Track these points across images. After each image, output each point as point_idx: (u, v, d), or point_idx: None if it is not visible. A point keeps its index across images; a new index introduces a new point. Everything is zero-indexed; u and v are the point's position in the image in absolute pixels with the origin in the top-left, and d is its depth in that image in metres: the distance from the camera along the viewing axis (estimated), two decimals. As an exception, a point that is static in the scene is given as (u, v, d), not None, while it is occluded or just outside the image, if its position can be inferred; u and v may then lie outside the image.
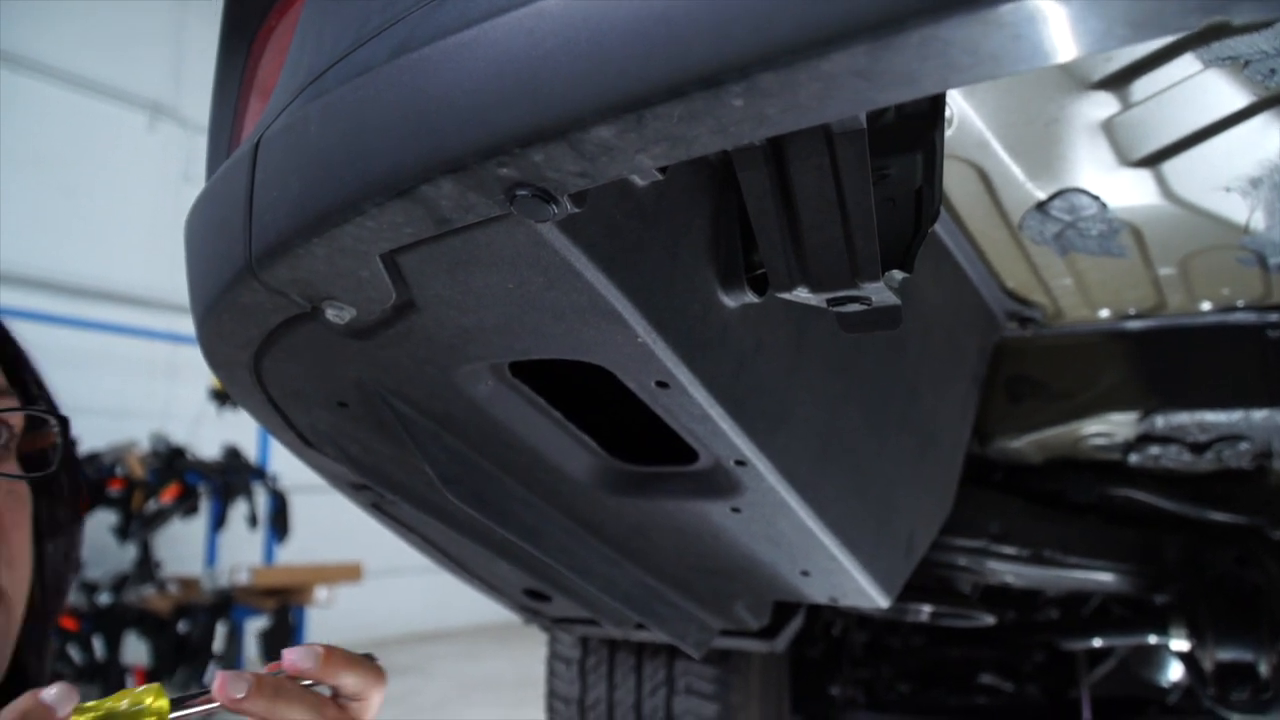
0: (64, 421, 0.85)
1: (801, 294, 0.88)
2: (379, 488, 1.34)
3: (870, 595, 1.43)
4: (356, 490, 1.41)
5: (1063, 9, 0.51)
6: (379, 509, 1.46)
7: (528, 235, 0.79)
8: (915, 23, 0.53)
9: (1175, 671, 2.54)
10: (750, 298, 0.99)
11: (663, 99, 0.61)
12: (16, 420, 0.83)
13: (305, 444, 1.29)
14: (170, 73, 8.85)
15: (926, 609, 2.00)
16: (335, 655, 0.73)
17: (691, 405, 1.01)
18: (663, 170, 0.84)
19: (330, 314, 0.94)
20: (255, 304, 0.96)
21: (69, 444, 0.90)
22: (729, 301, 1.00)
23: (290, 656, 0.71)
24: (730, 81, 0.58)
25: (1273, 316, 1.59)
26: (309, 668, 0.71)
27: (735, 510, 1.23)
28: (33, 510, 0.87)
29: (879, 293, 0.86)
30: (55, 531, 0.90)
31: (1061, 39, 0.53)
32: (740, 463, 1.11)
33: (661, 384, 0.98)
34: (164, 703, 0.68)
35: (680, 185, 0.93)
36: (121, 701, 0.68)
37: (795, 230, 0.84)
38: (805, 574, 1.40)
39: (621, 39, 0.61)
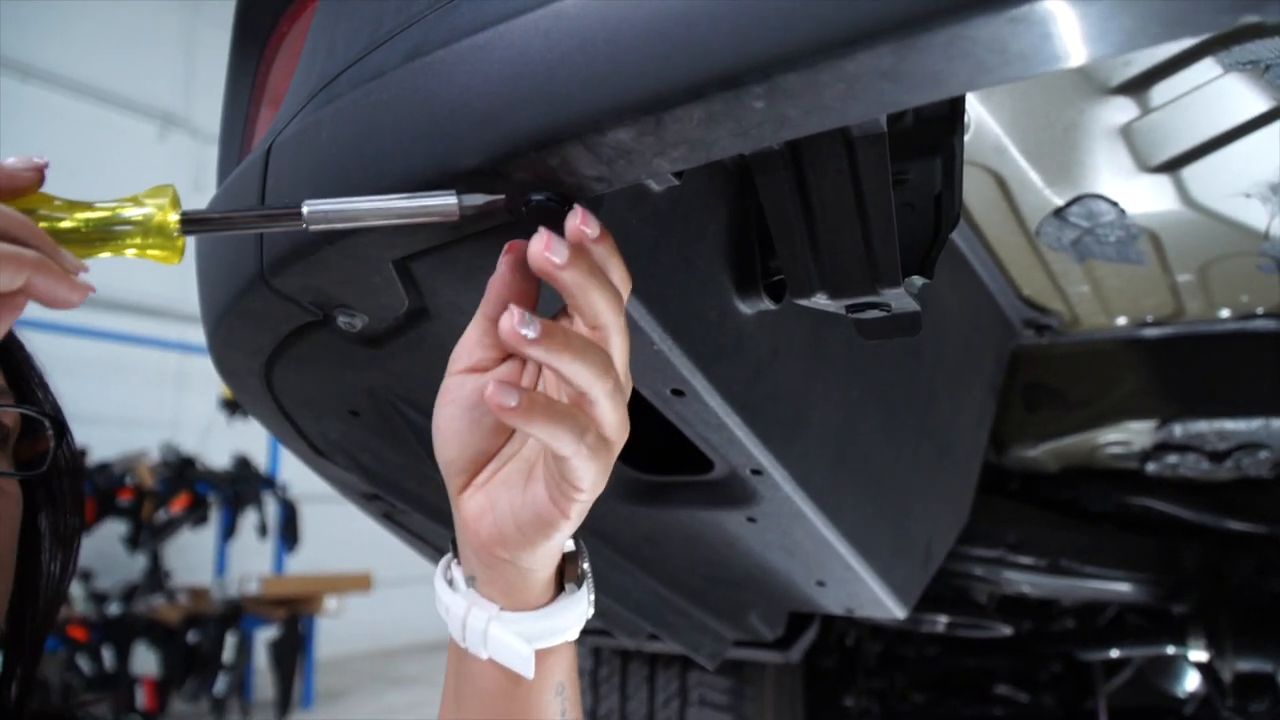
0: (57, 424, 0.83)
1: (820, 300, 0.87)
2: (390, 497, 1.32)
3: (887, 606, 1.41)
4: (368, 500, 1.39)
5: (1094, 7, 0.50)
6: (390, 519, 1.45)
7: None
8: (942, 21, 0.51)
9: (1192, 681, 2.51)
10: (767, 304, 0.98)
11: (682, 101, 0.60)
12: (11, 421, 0.82)
13: (316, 453, 1.28)
14: (181, 82, 8.89)
15: (942, 619, 1.98)
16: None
17: (707, 413, 0.99)
18: (678, 175, 0.83)
19: (342, 321, 0.93)
20: (266, 311, 0.95)
21: (71, 449, 0.88)
22: (745, 308, 0.99)
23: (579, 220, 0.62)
24: (752, 82, 0.57)
25: (1293, 323, 1.57)
26: (595, 233, 0.63)
27: (750, 520, 1.22)
28: (32, 515, 0.85)
29: (899, 299, 0.85)
30: (55, 538, 0.89)
31: (1092, 38, 0.52)
32: (756, 471, 1.10)
33: (677, 392, 0.97)
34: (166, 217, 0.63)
35: (695, 190, 0.92)
36: (125, 209, 0.63)
37: (814, 235, 0.83)
38: (821, 584, 1.38)
39: (640, 39, 0.60)
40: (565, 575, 0.77)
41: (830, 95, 0.58)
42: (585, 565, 0.79)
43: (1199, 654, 2.08)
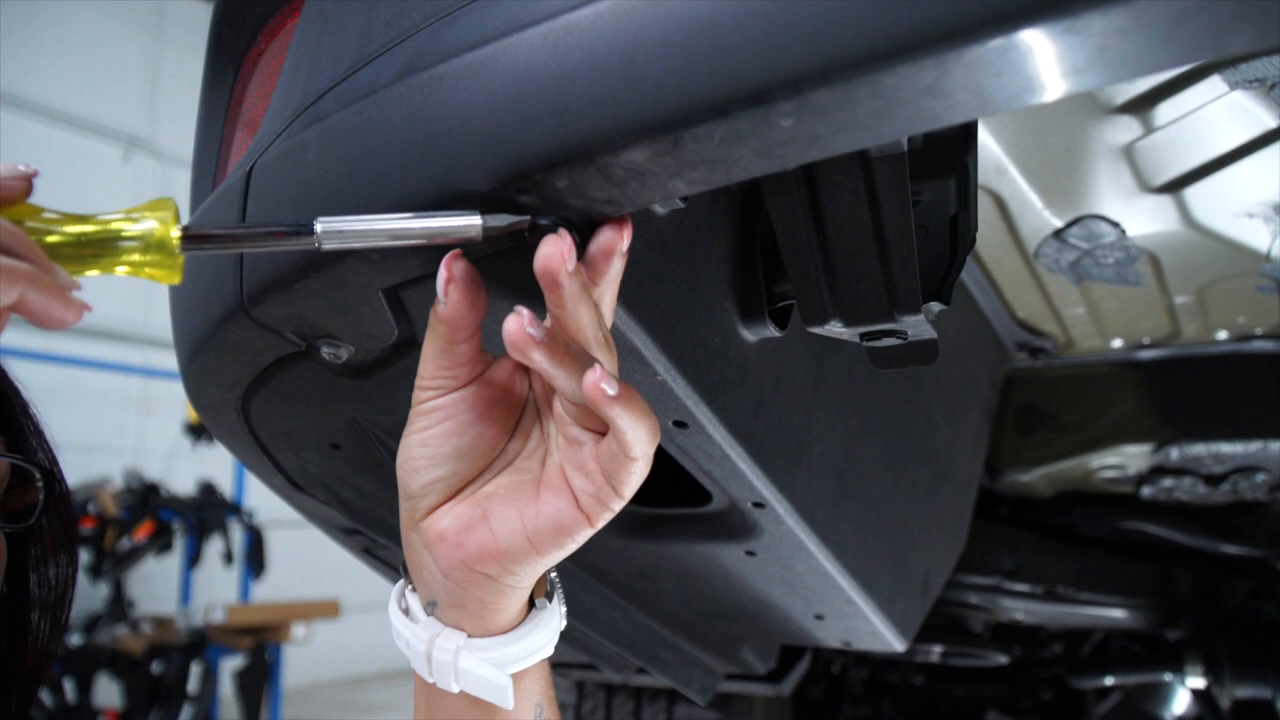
0: (47, 474, 0.79)
1: (834, 328, 0.83)
2: (372, 532, 1.27)
3: (886, 638, 1.37)
4: (347, 535, 1.34)
5: (1162, 12, 0.46)
6: (370, 554, 1.39)
7: (544, 267, 0.74)
8: (995, 32, 0.47)
9: (1180, 705, 2.49)
10: (771, 331, 0.94)
11: (704, 118, 0.55)
12: (1, 468, 0.77)
13: (294, 488, 1.23)
14: (145, 105, 8.79)
15: (937, 649, 1.95)
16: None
17: (710, 445, 0.95)
18: (684, 198, 0.79)
19: (326, 352, 0.88)
20: (245, 342, 0.89)
21: (64, 501, 0.84)
22: (749, 335, 0.95)
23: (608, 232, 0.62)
24: (781, 99, 0.53)
25: (1290, 345, 1.55)
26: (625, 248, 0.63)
27: (750, 553, 1.17)
28: (21, 570, 0.81)
29: (917, 326, 0.81)
30: (44, 594, 0.84)
31: (1156, 49, 0.48)
32: (758, 504, 1.06)
33: (679, 424, 0.92)
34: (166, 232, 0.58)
35: (700, 213, 0.87)
36: (121, 222, 0.58)
37: (829, 261, 0.79)
38: (819, 618, 1.34)
39: (659, 52, 0.56)
40: (534, 590, 0.73)
41: (864, 112, 0.54)
42: (553, 574, 0.76)
43: (1196, 680, 2.05)
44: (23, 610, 0.82)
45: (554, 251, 0.58)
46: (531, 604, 0.73)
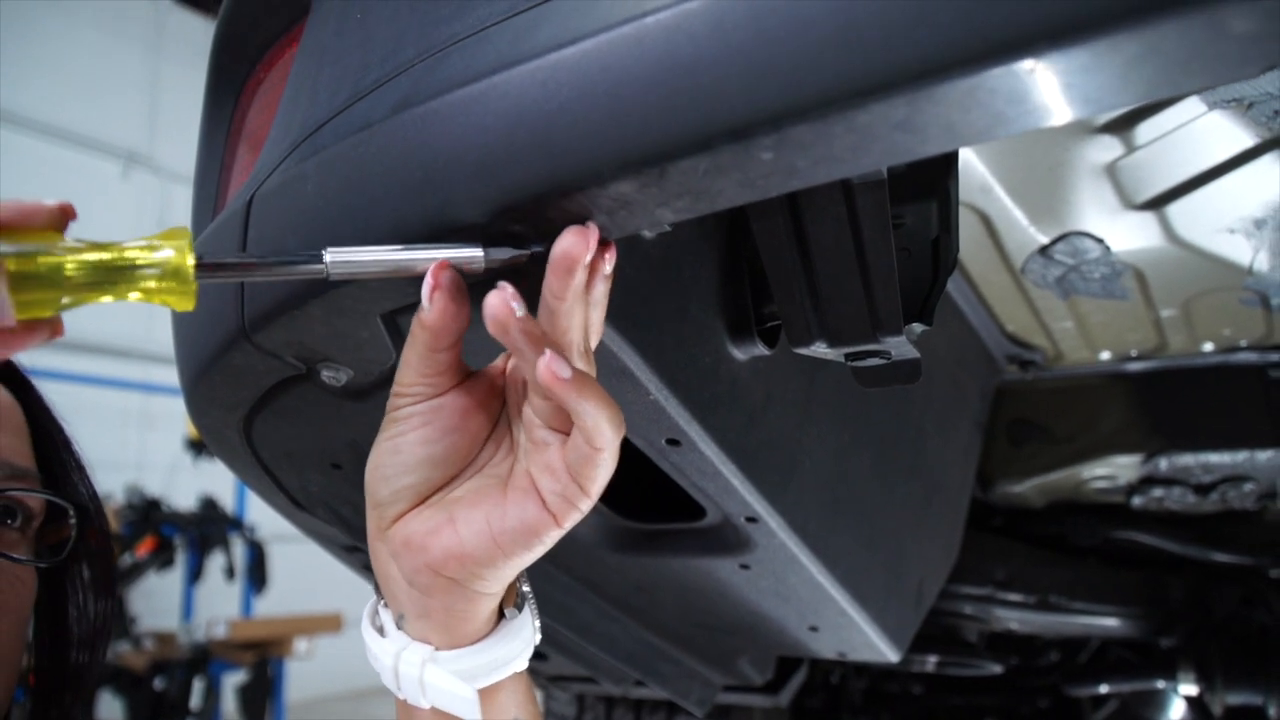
0: (82, 511, 0.80)
1: (820, 349, 0.85)
2: (372, 549, 1.29)
3: (880, 649, 1.39)
4: (348, 553, 1.36)
5: (1118, 57, 0.48)
6: (371, 571, 1.41)
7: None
8: (959, 73, 0.50)
9: (1177, 711, 2.50)
10: (761, 350, 0.96)
11: (688, 152, 0.58)
12: (37, 505, 0.78)
13: (296, 507, 1.25)
14: (144, 121, 8.82)
15: (933, 659, 1.96)
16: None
17: (702, 462, 0.97)
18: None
19: (326, 375, 0.91)
20: (247, 366, 0.91)
21: (102, 534, 0.85)
22: (739, 354, 0.97)
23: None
24: (761, 134, 0.55)
25: (1275, 357, 1.58)
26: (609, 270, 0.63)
27: (744, 567, 1.19)
28: (59, 605, 0.82)
29: (900, 347, 0.83)
30: (81, 629, 0.85)
31: (1116, 87, 0.50)
32: (751, 519, 1.08)
33: (672, 441, 0.94)
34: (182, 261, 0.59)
35: (688, 236, 0.90)
36: (132, 252, 0.59)
37: (813, 284, 0.81)
38: (814, 629, 1.36)
39: (644, 90, 0.58)
40: (503, 601, 0.71)
41: (841, 146, 0.56)
42: (525, 587, 0.74)
43: (1189, 687, 2.07)
44: (63, 644, 0.83)
45: (579, 240, 0.60)
46: (502, 615, 0.72)
